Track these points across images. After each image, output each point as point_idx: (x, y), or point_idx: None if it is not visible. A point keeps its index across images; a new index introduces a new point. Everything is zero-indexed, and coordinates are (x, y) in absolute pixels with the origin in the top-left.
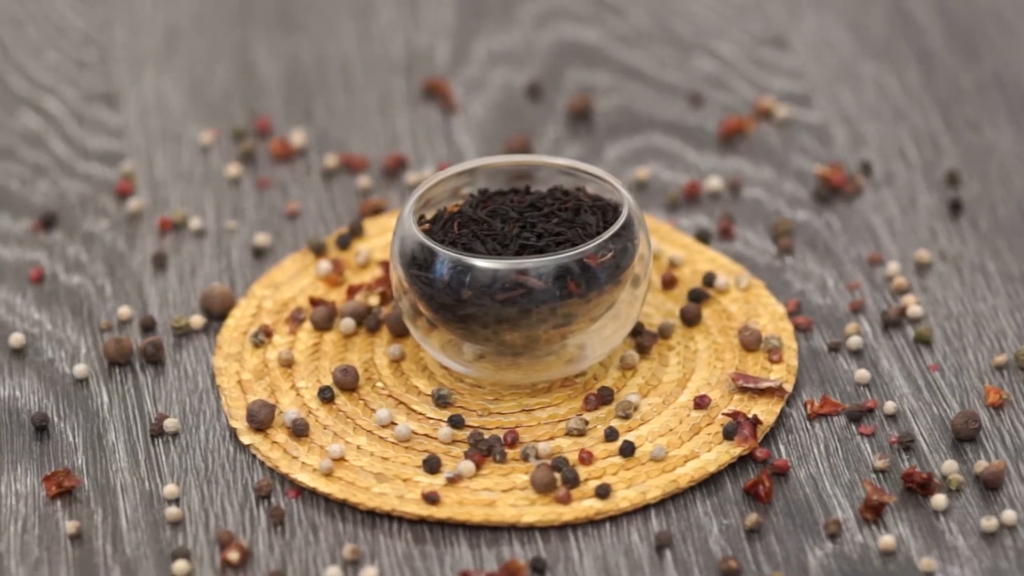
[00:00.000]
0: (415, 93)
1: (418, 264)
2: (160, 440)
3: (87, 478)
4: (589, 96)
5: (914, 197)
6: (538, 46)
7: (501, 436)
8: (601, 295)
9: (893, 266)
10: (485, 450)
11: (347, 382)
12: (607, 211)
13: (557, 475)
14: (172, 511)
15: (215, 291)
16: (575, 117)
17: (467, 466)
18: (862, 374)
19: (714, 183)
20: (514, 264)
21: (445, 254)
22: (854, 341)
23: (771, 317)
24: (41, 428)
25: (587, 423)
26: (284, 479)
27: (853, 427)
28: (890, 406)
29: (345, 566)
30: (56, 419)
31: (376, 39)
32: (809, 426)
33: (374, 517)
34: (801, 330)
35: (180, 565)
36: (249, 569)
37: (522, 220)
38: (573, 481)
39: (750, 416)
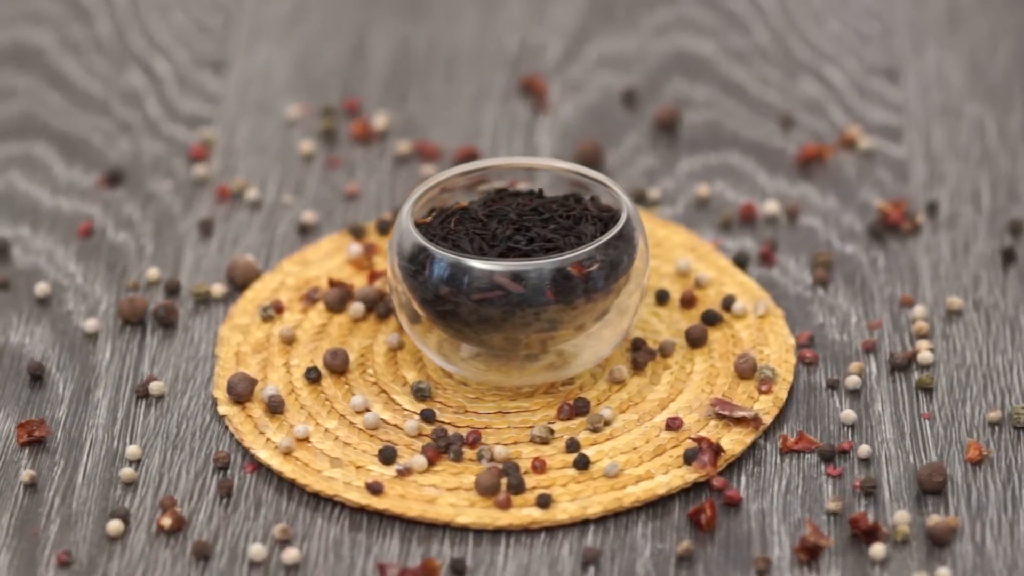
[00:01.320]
0: (512, 88)
1: (407, 257)
2: (143, 402)
3: (61, 431)
4: (677, 108)
5: (969, 242)
6: (650, 54)
7: (464, 435)
8: (589, 303)
9: (919, 309)
10: (443, 447)
11: (336, 365)
12: (610, 223)
13: (505, 480)
14: (127, 471)
15: (239, 262)
16: (660, 128)
17: (419, 461)
18: (848, 414)
19: (771, 207)
20: (494, 265)
21: (429, 249)
22: (852, 380)
23: (778, 347)
24: (36, 377)
25: (552, 432)
26: (247, 453)
27: (823, 466)
28: (864, 449)
29: (273, 545)
30: (54, 370)
31: (493, 32)
32: (778, 461)
33: (318, 500)
34: (805, 363)
35: (114, 525)
36: (179, 536)
37: (519, 223)
38: (517, 488)
39: (714, 443)
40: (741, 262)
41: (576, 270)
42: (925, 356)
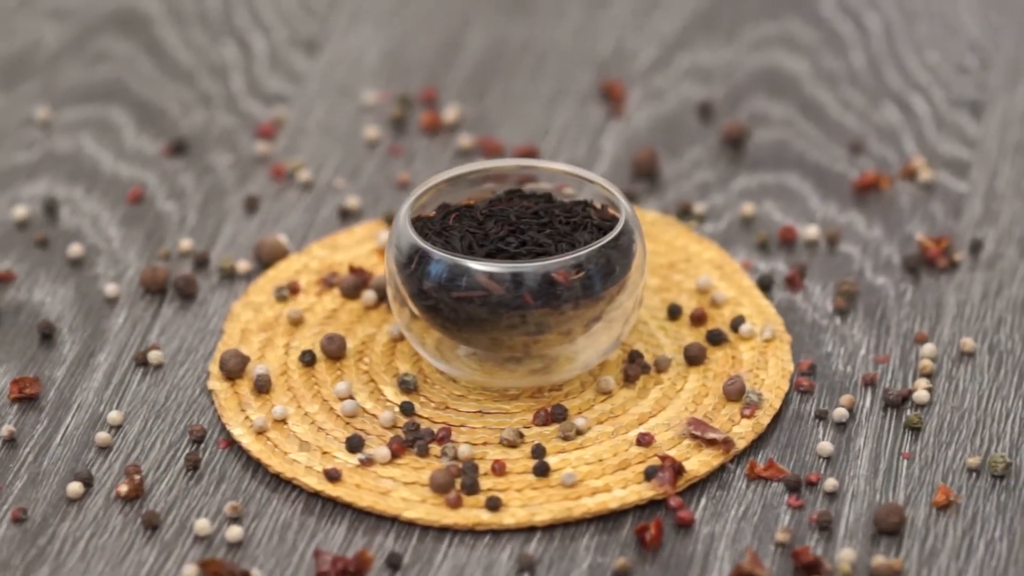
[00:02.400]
0: (593, 91)
1: (401, 250)
2: (141, 370)
3: (54, 390)
4: (746, 125)
5: (1004, 285)
6: (740, 68)
7: (435, 431)
8: (578, 309)
9: (929, 348)
10: (409, 441)
11: (332, 350)
12: (610, 232)
13: (460, 479)
14: (102, 436)
15: (267, 241)
16: (727, 143)
17: (381, 452)
18: (824, 446)
19: (811, 232)
20: (477, 265)
21: (417, 243)
22: (839, 413)
23: (776, 373)
24: (46, 336)
25: (522, 436)
26: (224, 428)
27: (786, 496)
28: (830, 483)
29: (223, 521)
30: (65, 331)
31: (591, 34)
32: (743, 486)
33: (278, 482)
34: (800, 391)
35: (74, 487)
36: (135, 504)
37: (516, 225)
38: (471, 488)
39: (676, 463)
40: (765, 284)
41: (561, 277)
42: (921, 395)
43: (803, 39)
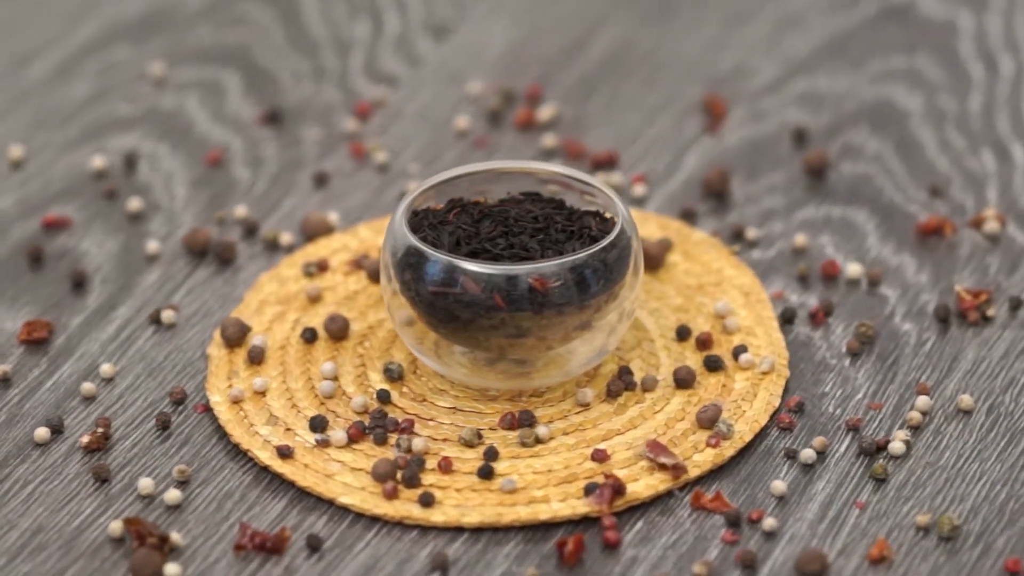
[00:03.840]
0: (697, 106)
1: (395, 239)
2: (152, 327)
3: (63, 337)
4: (828, 155)
5: None
6: (853, 98)
7: (399, 421)
8: (561, 316)
9: (923, 400)
10: (370, 428)
11: (333, 330)
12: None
13: (401, 471)
14: (87, 386)
15: (312, 217)
16: (809, 172)
17: (338, 436)
18: (777, 485)
19: (854, 270)
20: (456, 262)
21: (406, 237)
22: (806, 454)
23: (760, 407)
24: (77, 284)
25: (480, 437)
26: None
27: (723, 530)
28: (769, 523)
29: (169, 483)
30: (97, 282)
31: (719, 49)
32: (685, 515)
33: (237, 452)
34: (780, 428)
35: (41, 432)
36: (94, 456)
37: (510, 227)
38: (410, 481)
39: (617, 483)
40: (787, 317)
41: (538, 283)
42: (897, 447)
43: (928, 76)
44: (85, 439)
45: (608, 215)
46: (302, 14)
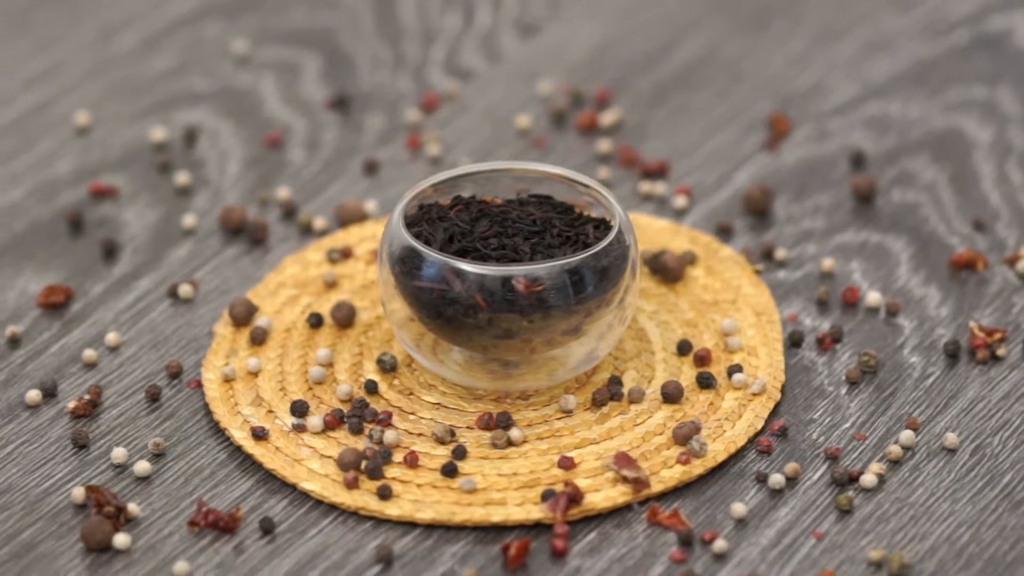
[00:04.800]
0: (762, 122)
1: (391, 233)
2: (167, 301)
3: (80, 304)
4: (876, 182)
5: None
6: (922, 126)
7: (378, 412)
8: (549, 320)
9: (907, 435)
10: (348, 416)
11: (339, 317)
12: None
13: (366, 462)
14: (89, 353)
15: (347, 204)
16: (856, 196)
17: (314, 422)
18: (737, 508)
19: (873, 298)
20: (440, 258)
21: (399, 231)
22: (775, 479)
23: (741, 428)
24: (108, 253)
25: (453, 435)
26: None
27: (674, 548)
28: (719, 545)
29: (143, 455)
30: (128, 252)
31: (802, 65)
32: (640, 529)
33: (216, 430)
34: (758, 451)
35: (32, 395)
36: (79, 423)
37: (505, 229)
38: (372, 472)
39: (574, 492)
40: (795, 341)
41: (521, 286)
42: (869, 479)
43: (1004, 109)
44: (71, 404)
45: (613, 223)
46: (397, 2)
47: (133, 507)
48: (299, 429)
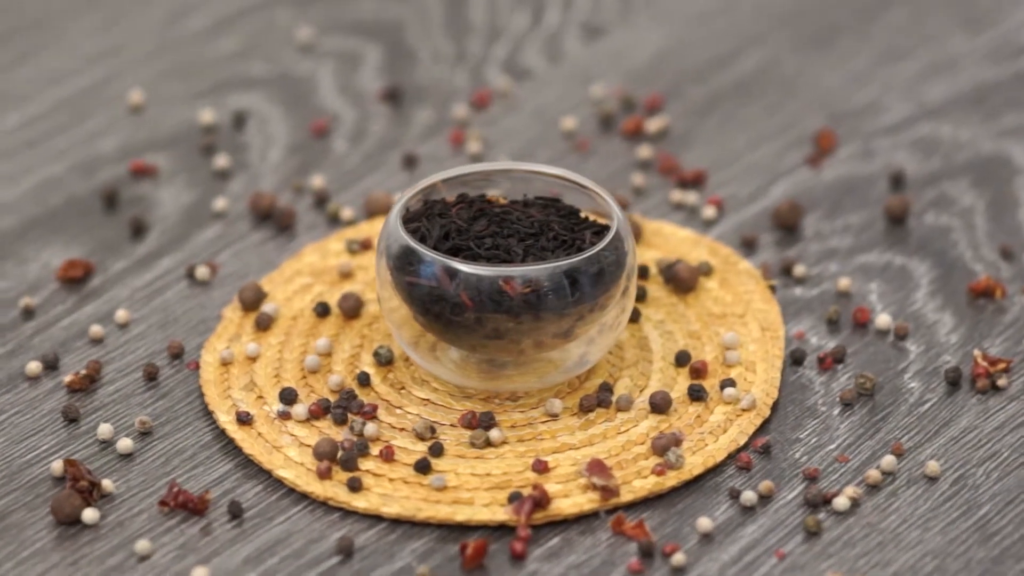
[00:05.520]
0: (808, 137)
1: (389, 227)
2: (184, 282)
3: (100, 279)
4: (910, 203)
5: None
6: (969, 150)
7: (364, 404)
8: (538, 322)
9: (888, 460)
10: (334, 406)
11: (345, 308)
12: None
13: (341, 453)
14: (96, 329)
15: (375, 195)
16: (888, 217)
17: (299, 410)
18: (703, 523)
19: (883, 321)
20: (428, 254)
21: (395, 226)
22: (747, 496)
23: (724, 443)
24: (136, 231)
25: (433, 432)
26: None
27: (633, 559)
28: (678, 559)
29: (129, 432)
30: (155, 231)
31: (861, 83)
32: (603, 538)
33: (205, 412)
34: (738, 467)
35: (32, 366)
36: (73, 397)
37: (502, 229)
38: (346, 464)
39: (541, 496)
40: (796, 358)
41: (509, 288)
42: (841, 502)
43: None
44: (68, 378)
45: (611, 228)
46: None
47: (107, 483)
48: (284, 416)
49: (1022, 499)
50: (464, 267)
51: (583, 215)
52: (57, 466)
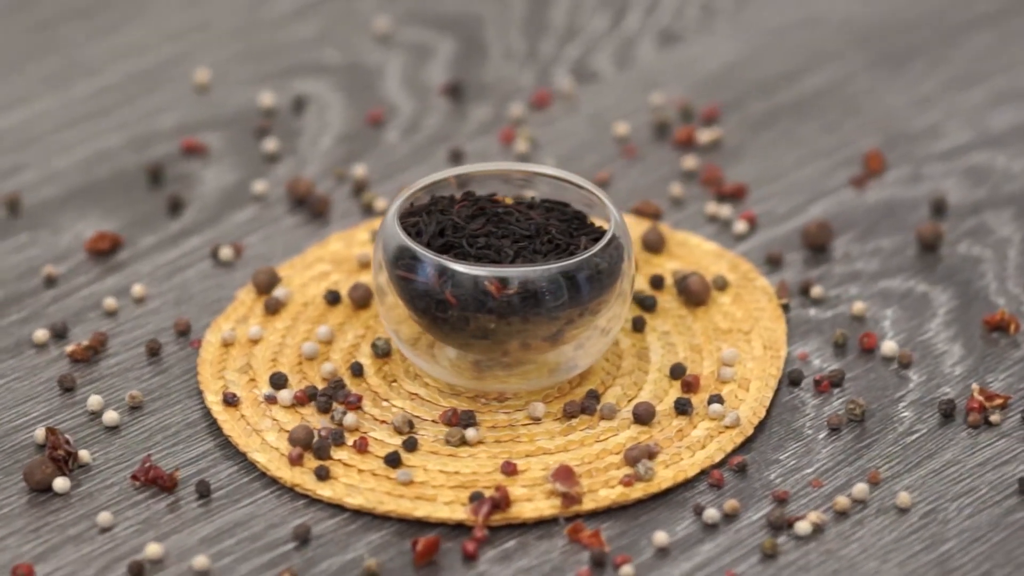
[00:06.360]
0: (859, 158)
1: (386, 221)
2: (207, 262)
3: (126, 253)
4: (941, 231)
5: (1015, 460)
6: (1021, 182)
7: (350, 394)
8: (526, 324)
9: (860, 488)
10: (320, 394)
11: (355, 297)
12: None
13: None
14: (110, 302)
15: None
16: (920, 244)
17: (284, 395)
18: (659, 537)
19: (888, 347)
20: (417, 249)
21: (392, 221)
22: (709, 514)
23: (700, 458)
24: (173, 208)
25: (411, 426)
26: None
27: (584, 568)
28: (626, 570)
29: (118, 406)
30: (192, 210)
31: (924, 107)
32: (559, 544)
33: (197, 391)
34: (709, 484)
35: (40, 334)
36: (73, 366)
37: (498, 230)
38: (319, 452)
39: (501, 499)
40: (794, 380)
41: (493, 288)
42: (803, 527)
43: None
44: (70, 348)
45: (621, 239)
46: None
47: (84, 454)
48: (270, 401)
49: (988, 537)
50: (450, 264)
51: (590, 221)
52: (40, 433)
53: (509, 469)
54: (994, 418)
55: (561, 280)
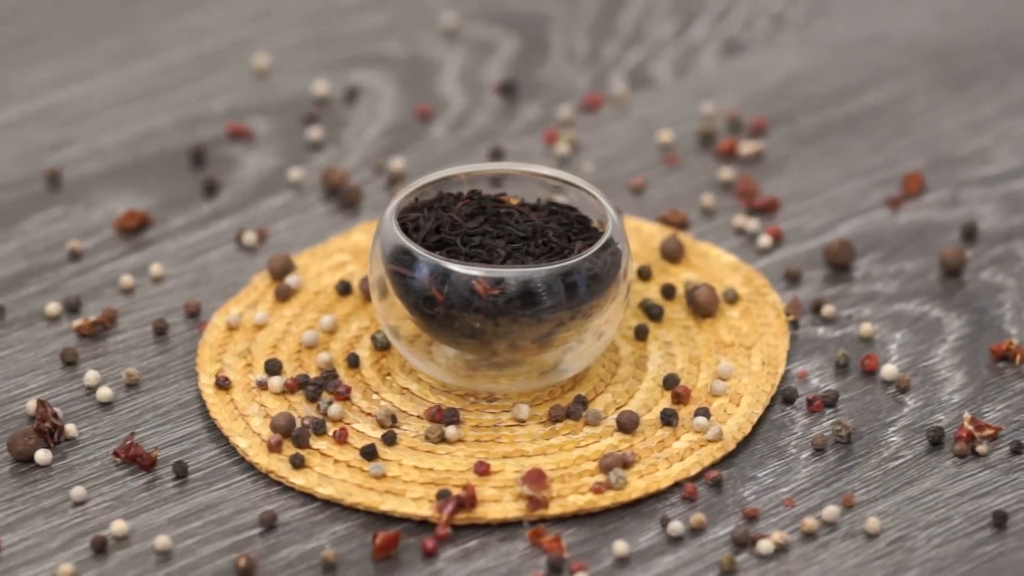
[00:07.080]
0: (899, 178)
1: (385, 217)
2: (230, 245)
3: (153, 233)
4: (964, 256)
5: (996, 492)
6: None
7: (339, 384)
8: (515, 325)
9: (832, 511)
10: (307, 383)
11: (366, 289)
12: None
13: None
14: (126, 280)
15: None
16: (943, 268)
17: (274, 382)
18: (619, 546)
19: (888, 371)
20: (409, 245)
21: (390, 218)
22: (674, 527)
23: (677, 470)
24: (208, 190)
25: (395, 420)
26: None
27: (540, 572)
28: None
29: (114, 383)
30: (225, 194)
31: (983, 130)
32: (520, 547)
33: (195, 373)
34: (683, 498)
35: (52, 307)
36: (80, 341)
37: (495, 231)
38: (298, 440)
39: (467, 498)
40: (787, 397)
41: (481, 288)
42: (765, 546)
43: None
44: (77, 323)
45: (619, 245)
46: (627, 2)
47: (71, 428)
48: (261, 387)
49: (953, 568)
50: (439, 262)
51: (593, 225)
52: (32, 405)
53: (482, 469)
54: (981, 448)
55: (550, 283)
